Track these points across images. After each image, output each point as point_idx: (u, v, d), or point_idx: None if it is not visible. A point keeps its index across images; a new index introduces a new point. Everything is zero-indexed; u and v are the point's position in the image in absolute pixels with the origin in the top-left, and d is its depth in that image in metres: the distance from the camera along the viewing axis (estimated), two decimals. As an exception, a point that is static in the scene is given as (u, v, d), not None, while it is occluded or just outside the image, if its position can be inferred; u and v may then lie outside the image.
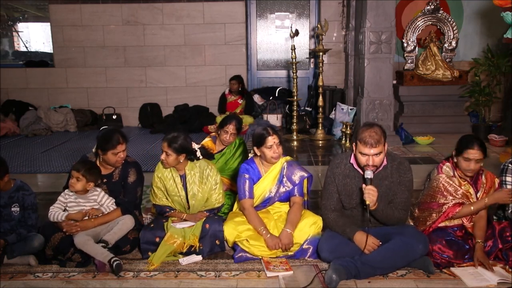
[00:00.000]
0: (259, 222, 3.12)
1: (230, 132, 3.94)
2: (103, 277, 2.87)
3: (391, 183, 2.93)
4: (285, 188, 3.25)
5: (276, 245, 3.00)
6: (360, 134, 2.83)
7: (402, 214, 2.94)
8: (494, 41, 7.15)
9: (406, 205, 2.97)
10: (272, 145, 3.15)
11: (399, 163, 2.97)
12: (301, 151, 6.19)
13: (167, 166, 3.27)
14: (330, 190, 3.02)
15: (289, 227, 3.07)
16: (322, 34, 6.60)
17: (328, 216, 3.01)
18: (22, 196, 3.18)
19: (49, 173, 5.30)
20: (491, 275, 2.75)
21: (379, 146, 2.77)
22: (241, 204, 3.23)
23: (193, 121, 7.49)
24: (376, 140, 2.76)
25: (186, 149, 3.24)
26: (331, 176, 3.02)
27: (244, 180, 3.23)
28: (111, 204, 3.24)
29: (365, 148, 2.78)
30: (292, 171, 3.25)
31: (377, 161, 2.81)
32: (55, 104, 8.18)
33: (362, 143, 2.79)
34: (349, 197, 2.99)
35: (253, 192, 3.23)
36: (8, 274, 2.94)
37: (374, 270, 2.78)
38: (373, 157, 2.79)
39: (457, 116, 7.02)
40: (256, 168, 3.29)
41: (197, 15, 7.98)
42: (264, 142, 3.15)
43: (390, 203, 2.94)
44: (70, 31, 8.07)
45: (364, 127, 2.86)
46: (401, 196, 2.94)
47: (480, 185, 3.06)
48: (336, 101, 7.26)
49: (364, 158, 2.81)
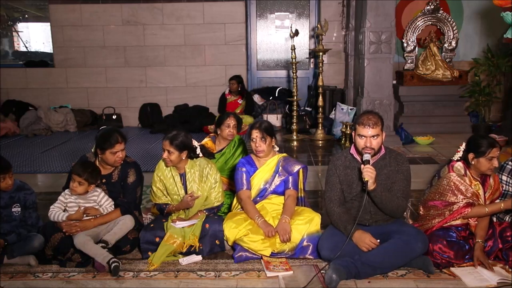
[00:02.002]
0: (255, 211, 3.20)
1: (233, 124, 3.98)
2: (103, 277, 2.87)
3: (389, 171, 2.98)
4: (281, 177, 3.33)
5: (270, 232, 3.05)
6: (359, 117, 2.94)
7: (401, 200, 2.96)
8: (494, 41, 7.16)
9: (405, 193, 2.99)
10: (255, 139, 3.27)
11: (397, 154, 3.06)
12: (301, 151, 6.19)
13: (169, 164, 3.27)
14: (333, 181, 3.06)
15: (285, 215, 3.15)
16: (322, 34, 6.60)
17: (334, 209, 3.03)
18: (23, 196, 3.18)
19: (49, 173, 5.31)
20: (491, 275, 2.75)
21: (376, 128, 2.86)
22: (239, 195, 3.33)
23: (193, 121, 7.49)
24: (373, 122, 2.86)
25: (188, 146, 3.27)
26: (333, 168, 3.08)
27: (241, 173, 3.35)
28: (110, 206, 3.24)
29: (363, 129, 2.86)
30: (288, 162, 3.37)
31: (375, 144, 2.87)
32: (55, 104, 8.18)
33: (360, 125, 2.88)
34: (350, 187, 3.02)
35: (250, 184, 3.32)
36: (8, 274, 2.94)
37: (374, 269, 2.78)
38: (371, 139, 2.85)
39: (457, 116, 7.02)
40: (252, 163, 3.39)
41: (197, 15, 7.99)
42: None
43: (389, 190, 2.96)
44: (70, 31, 8.07)
45: (362, 112, 3.00)
46: (400, 184, 2.97)
47: (488, 186, 3.06)
48: (336, 101, 7.26)
49: (362, 140, 2.88)
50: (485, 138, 3.04)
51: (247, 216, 3.22)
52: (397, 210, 2.97)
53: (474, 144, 3.00)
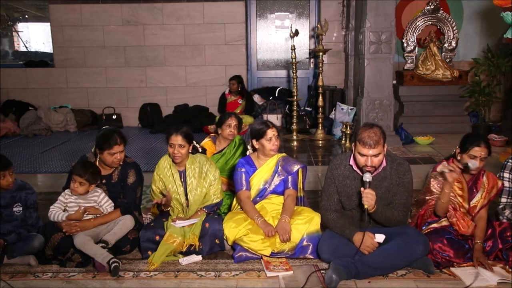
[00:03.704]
0: (255, 211, 3.21)
1: (234, 124, 4.00)
2: (103, 277, 2.88)
3: (390, 184, 2.93)
4: (280, 177, 3.33)
5: (270, 232, 3.05)
6: (360, 134, 2.83)
7: (402, 215, 2.94)
8: (494, 41, 7.15)
9: (406, 206, 2.97)
10: (272, 138, 3.30)
11: (398, 164, 2.97)
12: (301, 151, 6.19)
13: (179, 160, 3.28)
14: (330, 191, 3.03)
15: (285, 214, 3.16)
16: (322, 34, 6.60)
17: (328, 216, 3.02)
18: (25, 195, 3.18)
19: (49, 173, 5.30)
20: (491, 275, 2.75)
21: (378, 147, 2.78)
22: (238, 196, 3.34)
23: (193, 121, 7.48)
24: (375, 141, 2.76)
25: (192, 137, 3.35)
26: (331, 177, 3.03)
27: (240, 173, 3.35)
28: (110, 207, 3.24)
29: (363, 149, 2.78)
30: (287, 162, 3.38)
31: (376, 162, 2.82)
32: (55, 104, 8.17)
33: (361, 143, 2.79)
34: (349, 199, 2.99)
35: (249, 185, 3.33)
36: (8, 274, 2.94)
37: (374, 270, 2.78)
38: (372, 158, 2.79)
39: (457, 116, 7.01)
40: (252, 163, 3.40)
41: (197, 15, 7.98)
42: (264, 134, 3.28)
43: (390, 204, 2.94)
44: (70, 31, 8.06)
45: (363, 127, 2.86)
46: (401, 197, 2.94)
47: (480, 185, 3.06)
48: (336, 101, 7.26)
49: (363, 158, 2.82)
50: (475, 136, 3.05)
51: (246, 216, 3.23)
52: (398, 224, 2.96)
53: (462, 140, 3.05)
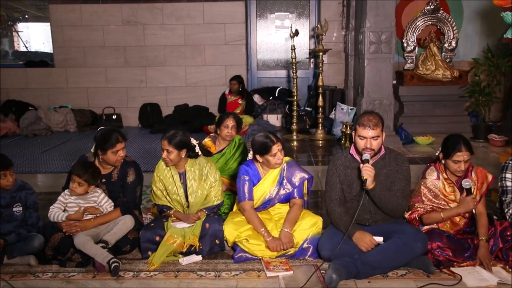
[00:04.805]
0: (259, 223, 3.12)
1: (231, 125, 3.96)
2: (103, 277, 2.87)
3: (389, 171, 2.98)
4: (285, 190, 3.25)
5: (278, 247, 3.02)
6: (360, 118, 2.92)
7: (401, 200, 2.96)
8: (494, 41, 7.15)
9: (405, 193, 3.00)
10: (277, 153, 3.16)
11: (396, 154, 3.06)
12: (301, 151, 6.19)
13: (169, 164, 3.27)
14: (333, 181, 3.06)
15: (288, 226, 3.10)
16: (322, 34, 6.60)
17: (335, 209, 3.03)
18: (25, 195, 3.17)
19: (49, 173, 5.31)
20: (491, 275, 2.75)
21: (377, 129, 2.85)
22: (241, 206, 3.22)
23: (193, 121, 7.49)
24: (374, 123, 2.84)
25: (186, 145, 3.26)
26: (333, 168, 3.07)
27: (243, 182, 3.22)
28: (109, 206, 3.24)
29: (363, 131, 2.85)
30: (292, 172, 3.25)
31: (375, 145, 2.87)
32: (55, 104, 8.18)
33: (361, 126, 2.87)
34: (350, 187, 3.02)
35: (253, 194, 3.22)
36: (8, 274, 2.94)
37: (374, 269, 2.79)
38: (371, 140, 2.85)
39: (457, 116, 7.02)
40: (255, 170, 3.28)
41: (197, 15, 7.99)
42: (270, 150, 3.14)
43: (389, 190, 2.97)
44: (70, 31, 8.07)
45: (363, 113, 2.99)
46: (400, 184, 2.98)
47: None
48: (336, 101, 7.27)
49: (363, 141, 2.87)
50: (454, 139, 3.02)
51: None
52: (396, 210, 2.97)
53: (442, 144, 3.07)
